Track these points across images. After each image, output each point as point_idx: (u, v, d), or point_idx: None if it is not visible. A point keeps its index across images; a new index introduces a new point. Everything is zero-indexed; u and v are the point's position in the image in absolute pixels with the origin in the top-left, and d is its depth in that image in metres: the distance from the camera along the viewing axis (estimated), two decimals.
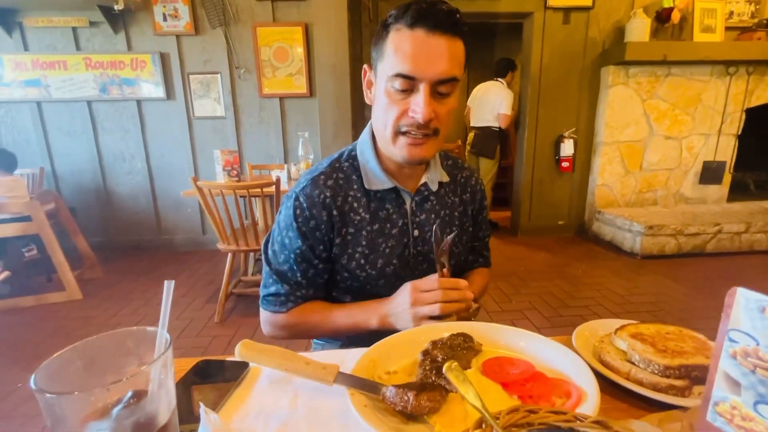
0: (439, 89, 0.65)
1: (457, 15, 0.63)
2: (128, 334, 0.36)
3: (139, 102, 3.31)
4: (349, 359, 0.56)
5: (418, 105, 0.63)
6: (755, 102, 3.57)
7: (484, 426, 0.34)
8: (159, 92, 3.28)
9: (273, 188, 2.17)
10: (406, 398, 0.43)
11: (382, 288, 0.77)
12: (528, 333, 0.59)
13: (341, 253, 0.75)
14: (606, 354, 0.56)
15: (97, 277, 2.92)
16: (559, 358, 0.53)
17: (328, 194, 0.73)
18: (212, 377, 0.56)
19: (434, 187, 0.79)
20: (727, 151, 3.67)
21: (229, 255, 2.27)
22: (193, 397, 0.52)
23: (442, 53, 0.62)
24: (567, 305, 2.41)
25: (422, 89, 0.63)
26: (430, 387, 0.45)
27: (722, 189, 3.78)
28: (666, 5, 3.32)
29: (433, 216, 0.80)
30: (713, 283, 2.68)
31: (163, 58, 3.23)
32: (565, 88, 3.57)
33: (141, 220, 3.55)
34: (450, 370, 0.39)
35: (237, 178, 2.45)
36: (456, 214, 0.83)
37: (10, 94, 3.20)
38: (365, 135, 0.78)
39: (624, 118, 3.55)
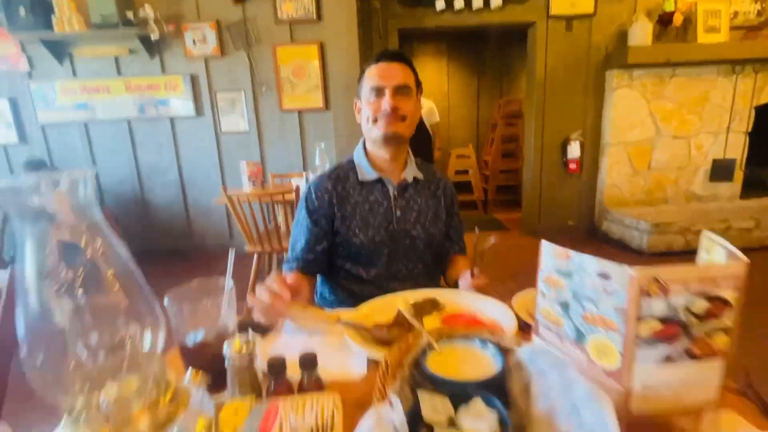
0: (399, 92, 1.00)
1: (401, 53, 1.05)
2: (207, 282, 0.59)
3: (172, 120, 3.65)
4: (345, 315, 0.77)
5: (386, 101, 1.00)
6: (764, 99, 3.57)
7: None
8: (189, 110, 3.61)
9: (293, 195, 2.42)
10: (383, 330, 0.64)
11: (372, 254, 1.04)
12: (479, 296, 0.79)
13: (342, 224, 1.05)
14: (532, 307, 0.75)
15: None
16: (496, 310, 0.73)
17: (330, 184, 1.07)
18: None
19: (410, 179, 1.09)
20: (737, 149, 3.69)
21: (255, 256, 2.52)
22: None
23: (396, 71, 1.02)
24: None
25: (387, 93, 1.00)
26: (398, 324, 0.66)
27: (734, 186, 3.78)
28: (667, 9, 3.41)
29: (411, 202, 1.08)
30: None
31: (193, 79, 3.57)
32: (571, 92, 3.67)
33: (174, 226, 3.87)
34: (405, 309, 0.60)
35: (261, 187, 2.71)
36: (430, 203, 1.12)
37: (62, 117, 3.60)
38: (359, 144, 1.13)
39: (630, 120, 3.61)
